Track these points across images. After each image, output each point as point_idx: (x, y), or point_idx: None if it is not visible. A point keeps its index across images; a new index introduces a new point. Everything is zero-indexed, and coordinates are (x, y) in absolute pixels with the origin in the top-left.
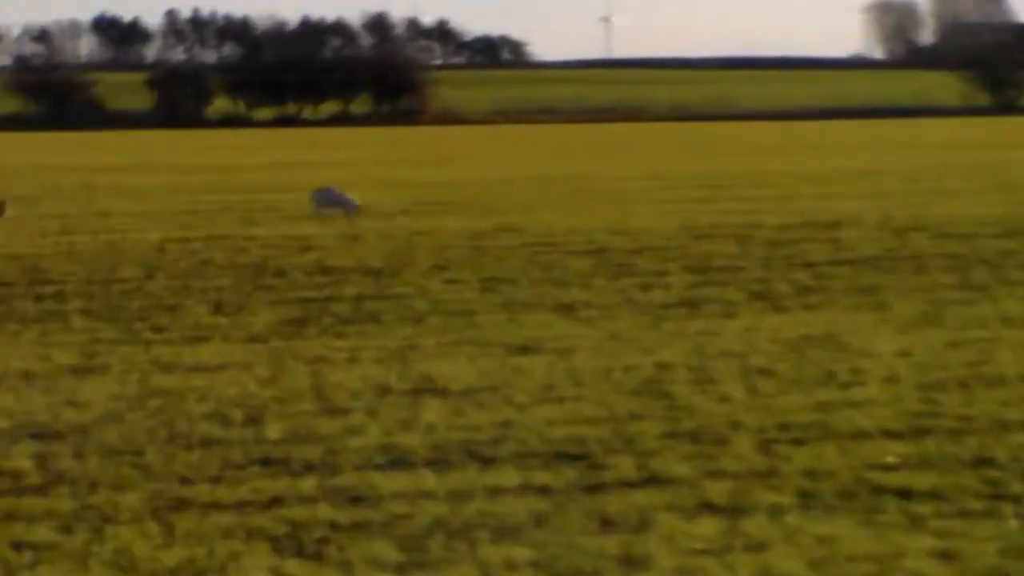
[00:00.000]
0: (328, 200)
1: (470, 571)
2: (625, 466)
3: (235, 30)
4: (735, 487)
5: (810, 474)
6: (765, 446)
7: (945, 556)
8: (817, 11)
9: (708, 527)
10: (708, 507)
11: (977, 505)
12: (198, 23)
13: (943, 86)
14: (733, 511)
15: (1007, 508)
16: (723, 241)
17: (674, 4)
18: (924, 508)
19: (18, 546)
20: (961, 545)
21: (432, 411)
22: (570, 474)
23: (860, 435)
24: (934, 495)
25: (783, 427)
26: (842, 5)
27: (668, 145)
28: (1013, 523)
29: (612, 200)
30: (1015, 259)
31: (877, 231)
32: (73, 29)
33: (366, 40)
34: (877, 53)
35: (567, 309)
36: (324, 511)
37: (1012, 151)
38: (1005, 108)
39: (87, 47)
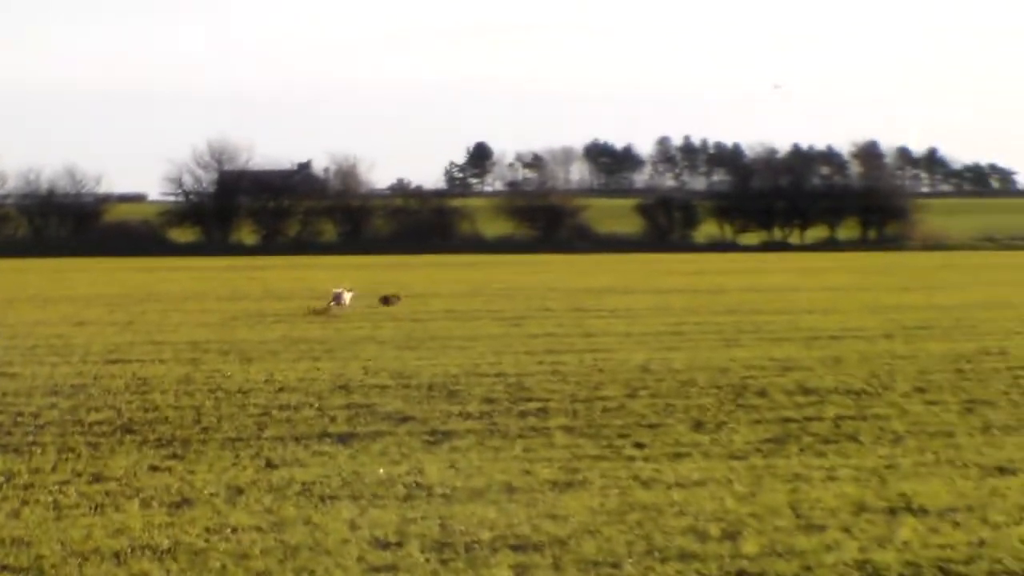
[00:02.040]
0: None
1: None
2: None
3: (726, 157)
4: None
5: None
6: None
7: None
8: None
9: None
10: None
11: None
12: (689, 150)
13: None
14: None
15: None
16: None
17: None
18: None
19: None
20: None
21: (908, 529)
22: None
23: None
24: None
25: None
26: None
27: None
28: None
29: None
30: None
31: None
32: (566, 156)
33: (854, 167)
34: None
35: None
36: None
37: None
38: None
39: (579, 173)
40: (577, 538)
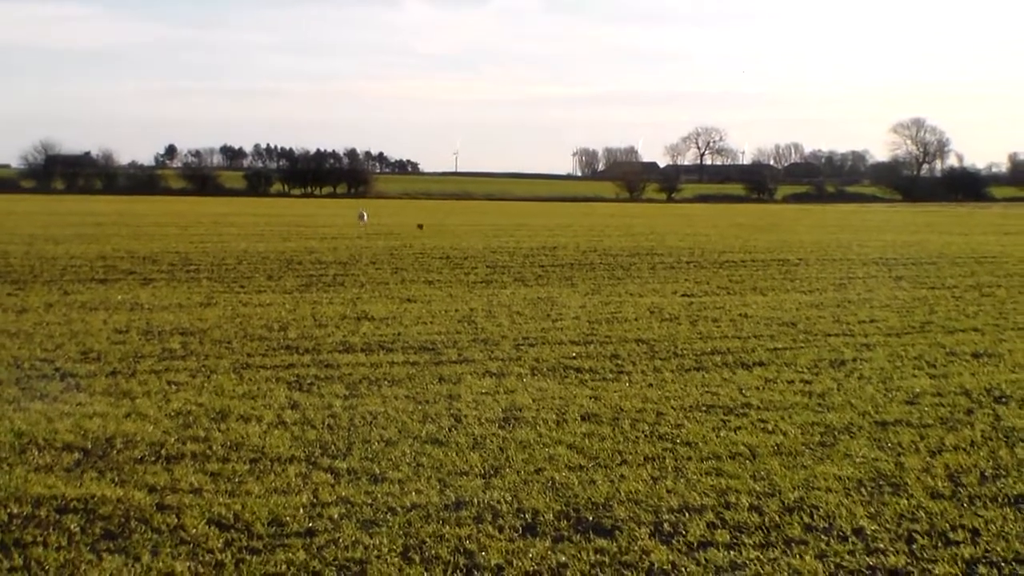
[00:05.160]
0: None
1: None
2: (451, 353)
3: (285, 152)
4: (502, 364)
5: (536, 359)
6: (516, 347)
7: (595, 398)
8: (550, 153)
9: (488, 382)
10: (489, 373)
11: (610, 375)
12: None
13: (606, 188)
14: (500, 375)
15: (625, 377)
16: (504, 253)
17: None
18: (586, 376)
19: None
20: (603, 394)
21: (365, 326)
22: (426, 356)
23: (560, 343)
24: (591, 370)
25: (526, 338)
26: (563, 150)
27: (481, 210)
28: (627, 383)
29: (455, 235)
30: (635, 266)
31: (573, 251)
32: None
33: (347, 159)
34: (578, 172)
35: (431, 283)
36: (311, 370)
37: (637, 219)
38: (634, 200)
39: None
40: (211, 329)
